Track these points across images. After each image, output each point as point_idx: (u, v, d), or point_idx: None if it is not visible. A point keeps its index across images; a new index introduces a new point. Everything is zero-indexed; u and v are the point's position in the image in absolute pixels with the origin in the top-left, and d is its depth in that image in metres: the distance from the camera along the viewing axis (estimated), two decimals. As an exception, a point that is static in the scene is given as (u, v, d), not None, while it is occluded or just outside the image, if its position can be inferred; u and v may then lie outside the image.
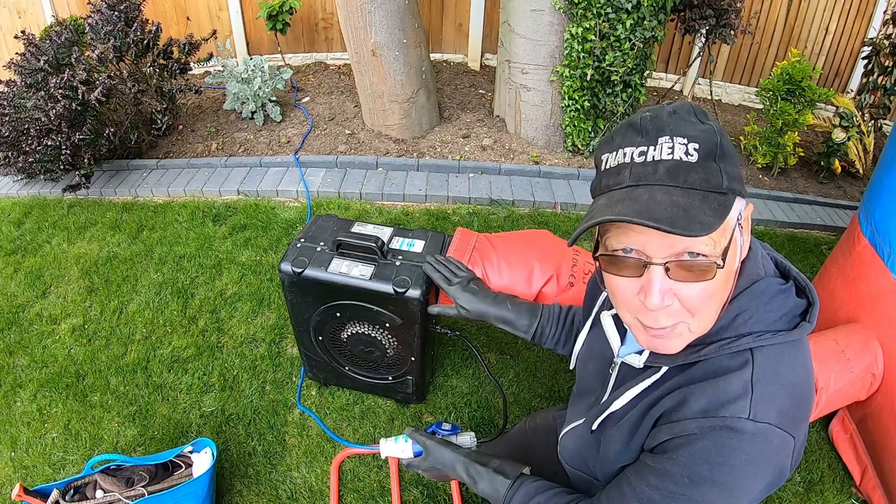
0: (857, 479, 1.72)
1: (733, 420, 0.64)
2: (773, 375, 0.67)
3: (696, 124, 0.64)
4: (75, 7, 3.90)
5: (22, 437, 1.77)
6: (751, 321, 0.69)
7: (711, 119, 0.66)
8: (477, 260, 1.45)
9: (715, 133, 0.64)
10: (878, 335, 1.64)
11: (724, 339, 0.69)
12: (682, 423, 0.68)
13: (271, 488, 1.62)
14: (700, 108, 0.67)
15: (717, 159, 0.63)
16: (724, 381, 0.67)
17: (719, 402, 0.66)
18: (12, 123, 2.71)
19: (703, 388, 0.68)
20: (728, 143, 0.65)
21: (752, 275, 0.71)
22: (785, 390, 0.67)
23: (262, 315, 2.16)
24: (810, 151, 3.60)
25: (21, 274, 2.42)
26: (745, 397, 0.65)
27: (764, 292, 0.70)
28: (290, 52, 4.10)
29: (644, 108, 0.69)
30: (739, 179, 0.66)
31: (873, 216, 1.70)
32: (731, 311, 0.70)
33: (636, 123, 0.66)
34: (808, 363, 0.72)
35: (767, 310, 0.70)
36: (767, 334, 0.68)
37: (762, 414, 0.64)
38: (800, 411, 0.68)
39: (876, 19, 4.04)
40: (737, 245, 0.66)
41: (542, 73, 2.97)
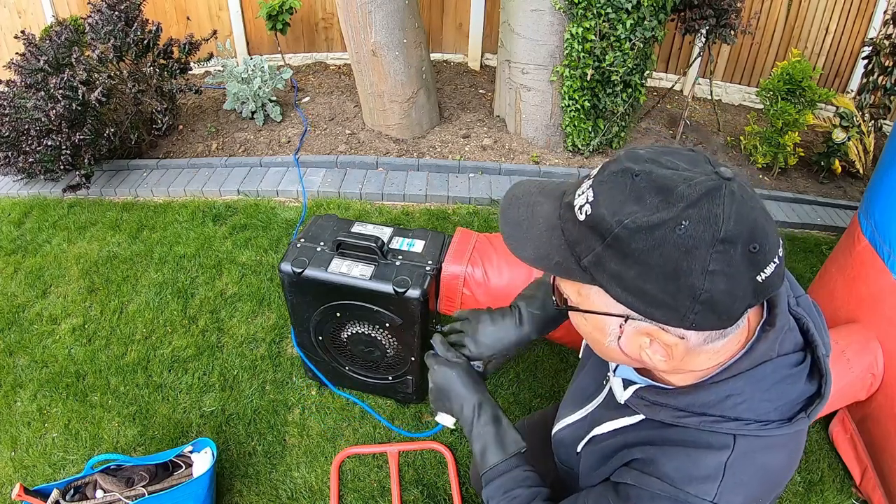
0: (857, 479, 1.72)
1: (695, 499, 0.62)
2: (751, 463, 0.63)
3: (643, 206, 0.53)
4: (75, 7, 3.90)
5: (22, 437, 1.77)
6: (741, 407, 0.63)
7: (674, 214, 0.52)
8: (477, 260, 1.45)
9: (622, 227, 0.53)
10: (878, 335, 1.64)
11: (709, 416, 0.63)
12: (648, 478, 0.65)
13: (271, 488, 1.62)
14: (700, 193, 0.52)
15: (597, 243, 0.56)
16: (699, 455, 0.63)
17: (688, 475, 0.63)
18: (12, 123, 2.71)
19: (677, 454, 0.65)
20: (650, 251, 0.53)
21: (762, 355, 0.63)
22: (759, 477, 0.64)
23: (262, 315, 2.16)
24: (810, 151, 3.60)
25: (21, 274, 2.42)
26: (714, 480, 0.62)
27: (766, 377, 0.63)
28: (290, 52, 4.10)
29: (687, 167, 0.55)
30: (627, 287, 0.55)
31: (873, 216, 1.70)
32: (725, 389, 0.63)
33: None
34: (795, 451, 0.67)
35: (764, 398, 0.63)
36: (755, 424, 0.62)
37: (727, 499, 0.62)
38: (769, 495, 0.66)
39: (876, 19, 4.03)
40: (604, 334, 0.63)
41: (542, 73, 2.97)
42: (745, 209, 0.52)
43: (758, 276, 0.54)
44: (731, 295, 0.54)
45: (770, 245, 0.54)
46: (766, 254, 0.54)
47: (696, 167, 0.55)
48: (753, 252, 0.52)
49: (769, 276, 0.55)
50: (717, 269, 0.52)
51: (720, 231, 0.51)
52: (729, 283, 0.53)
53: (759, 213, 0.54)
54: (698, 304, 0.53)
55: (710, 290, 0.53)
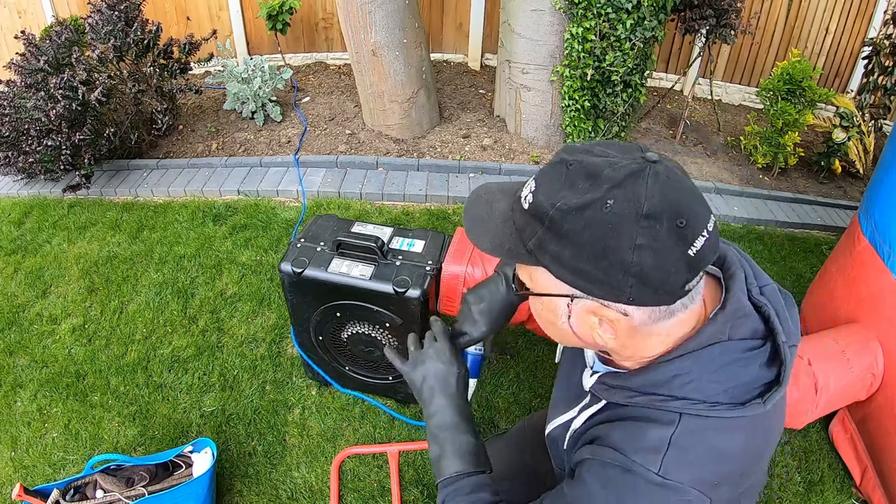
0: (857, 479, 1.72)
1: (641, 468, 0.62)
2: (700, 442, 0.63)
3: (574, 191, 0.58)
4: (75, 7, 3.90)
5: (22, 437, 1.77)
6: (688, 386, 0.64)
7: (609, 200, 0.56)
8: (477, 259, 1.45)
9: (555, 210, 0.58)
10: (878, 335, 1.64)
11: (657, 395, 0.65)
12: (601, 448, 0.67)
13: (271, 488, 1.62)
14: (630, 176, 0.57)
15: (538, 227, 0.61)
16: (645, 427, 0.65)
17: (635, 445, 0.64)
18: (12, 123, 2.71)
19: (626, 426, 0.67)
20: (582, 230, 0.57)
21: (711, 336, 0.64)
22: (710, 459, 0.64)
23: (262, 315, 2.16)
24: (810, 151, 3.60)
25: (21, 274, 2.42)
26: (658, 452, 0.62)
27: (715, 359, 0.64)
28: (290, 52, 4.10)
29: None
30: (566, 266, 0.60)
31: (873, 216, 1.70)
32: (672, 369, 0.65)
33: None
34: (755, 437, 0.66)
35: (712, 379, 0.64)
36: (703, 405, 0.63)
37: (673, 473, 0.62)
38: (725, 478, 0.64)
39: (876, 19, 4.03)
40: (555, 315, 0.67)
41: (542, 73, 2.97)
42: (669, 188, 0.56)
43: (689, 251, 0.57)
44: (663, 269, 0.57)
45: (698, 220, 0.57)
46: (694, 228, 0.56)
47: (626, 154, 0.59)
48: (681, 227, 0.56)
49: (700, 250, 0.57)
50: (644, 244, 0.55)
51: (643, 208, 0.55)
52: (658, 257, 0.56)
53: (685, 191, 0.57)
54: (631, 277, 0.57)
55: (639, 263, 0.56)
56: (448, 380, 0.88)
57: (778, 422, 0.71)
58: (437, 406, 0.87)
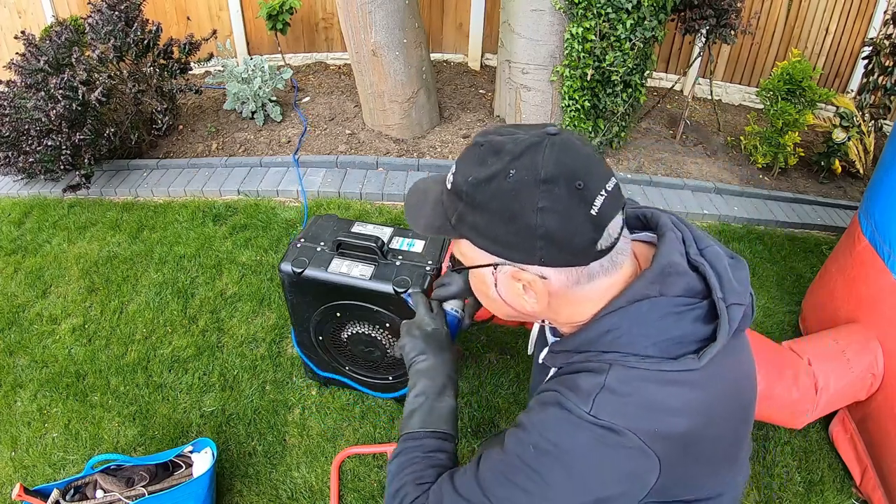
0: (857, 479, 1.72)
1: (574, 406, 0.65)
2: (633, 391, 0.64)
3: (484, 166, 0.64)
4: (75, 7, 3.90)
5: (22, 437, 1.77)
6: (618, 341, 0.66)
7: (512, 170, 0.62)
8: (477, 260, 1.45)
9: (467, 185, 0.65)
10: (878, 335, 1.64)
11: (590, 352, 0.69)
12: (542, 393, 0.71)
13: (271, 488, 1.62)
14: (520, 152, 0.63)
15: (458, 203, 0.68)
16: (580, 377, 0.68)
17: (569, 390, 0.67)
18: (12, 123, 2.71)
19: (562, 378, 0.71)
20: (490, 199, 0.64)
21: (635, 294, 0.67)
22: (644, 409, 0.64)
23: (262, 315, 2.16)
24: (810, 151, 3.60)
25: (21, 274, 2.42)
26: (590, 394, 0.65)
27: (644, 315, 0.66)
28: (291, 52, 4.10)
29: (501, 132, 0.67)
30: (484, 235, 0.66)
31: (873, 216, 1.70)
32: (603, 326, 0.67)
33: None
34: (695, 394, 0.65)
35: (641, 332, 0.66)
36: (633, 358, 0.65)
37: (605, 415, 0.64)
38: (662, 435, 0.64)
39: (876, 19, 4.03)
40: (486, 284, 0.72)
41: (542, 73, 2.97)
42: (565, 155, 0.62)
43: (590, 210, 0.61)
44: (567, 229, 0.62)
45: (595, 181, 0.62)
46: (592, 189, 0.61)
47: (529, 130, 0.65)
48: (579, 189, 0.61)
49: (602, 208, 0.62)
50: (546, 206, 0.61)
51: (541, 174, 0.61)
52: (561, 218, 0.61)
53: (582, 157, 0.63)
54: (539, 239, 0.62)
55: (544, 225, 0.61)
56: (439, 341, 0.95)
57: (729, 387, 0.70)
58: (426, 364, 0.92)
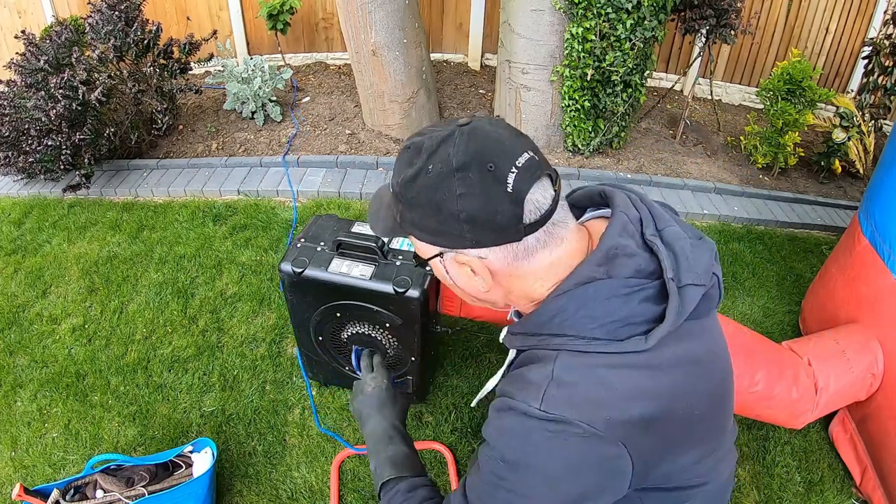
0: (857, 479, 1.72)
1: (523, 405, 0.66)
2: (581, 377, 0.65)
3: (410, 166, 0.68)
4: (75, 7, 3.90)
5: (22, 437, 1.77)
6: (566, 323, 0.68)
7: (431, 173, 0.66)
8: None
9: (399, 186, 0.70)
10: (878, 335, 1.64)
11: (542, 335, 0.71)
12: (493, 402, 0.73)
13: (271, 488, 1.62)
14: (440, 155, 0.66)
15: (398, 204, 0.72)
16: (527, 370, 0.70)
17: (518, 387, 0.69)
18: (12, 123, 2.71)
19: (515, 374, 0.73)
20: (418, 195, 0.68)
21: (580, 277, 0.68)
22: (595, 394, 0.64)
23: (262, 315, 2.16)
24: (810, 151, 3.60)
25: (21, 274, 2.42)
26: (539, 389, 0.66)
27: (590, 297, 0.67)
28: (291, 52, 4.10)
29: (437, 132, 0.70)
30: (421, 228, 0.70)
31: (873, 216, 1.70)
32: (551, 309, 0.69)
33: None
34: (648, 377, 0.66)
35: (586, 315, 0.67)
36: (580, 340, 0.66)
37: (555, 407, 0.64)
38: (627, 416, 0.64)
39: (876, 19, 4.03)
40: (442, 274, 0.76)
41: (542, 73, 2.97)
42: (472, 141, 0.65)
43: (506, 188, 0.64)
44: (487, 209, 0.64)
45: (504, 160, 0.64)
46: (503, 168, 0.64)
47: (446, 126, 0.68)
48: (490, 170, 0.63)
49: (515, 184, 0.64)
50: (464, 192, 0.64)
51: (453, 163, 0.64)
52: (479, 200, 0.64)
53: (489, 140, 0.65)
54: (463, 223, 0.66)
55: (466, 209, 0.65)
56: (379, 398, 1.08)
57: (692, 367, 0.70)
58: (371, 425, 1.04)
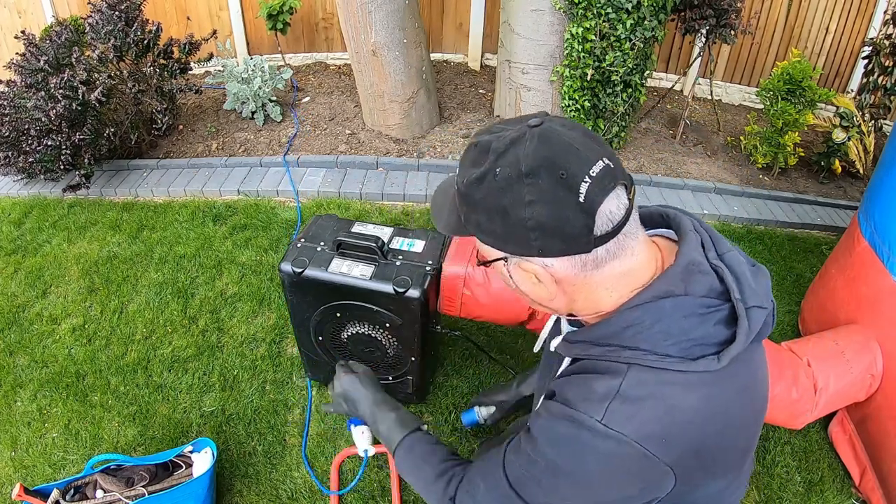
0: (856, 479, 1.72)
1: (585, 417, 0.65)
2: (648, 395, 0.64)
3: (476, 166, 0.66)
4: (75, 7, 3.90)
5: (22, 437, 1.77)
6: (639, 337, 0.65)
7: (496, 176, 0.63)
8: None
9: (464, 186, 0.67)
10: (877, 336, 1.64)
11: (610, 346, 0.68)
12: (550, 402, 0.71)
13: (271, 488, 1.62)
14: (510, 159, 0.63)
15: (463, 204, 0.69)
16: (594, 380, 0.67)
17: (581, 397, 0.67)
18: (12, 123, 2.71)
19: (576, 381, 0.70)
20: (484, 198, 0.65)
21: (659, 291, 0.66)
22: (660, 413, 0.63)
23: (262, 315, 2.16)
24: (810, 151, 3.60)
25: (21, 274, 2.42)
26: (602, 402, 0.64)
27: (667, 312, 0.65)
28: (291, 52, 4.10)
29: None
30: (486, 231, 0.68)
31: (873, 217, 1.70)
32: (624, 320, 0.67)
33: None
34: (716, 399, 0.66)
35: (662, 331, 0.65)
36: (653, 356, 0.64)
37: (616, 423, 0.63)
38: (681, 440, 0.64)
39: (876, 19, 4.03)
40: (505, 278, 0.73)
41: (542, 73, 2.97)
42: (544, 146, 0.62)
43: (578, 198, 0.61)
44: (558, 218, 0.62)
45: (577, 168, 0.61)
46: (576, 176, 0.61)
47: (515, 125, 0.65)
48: (563, 178, 0.60)
49: (588, 195, 0.61)
50: (534, 199, 0.61)
51: (522, 168, 0.61)
52: (550, 208, 0.61)
53: (562, 145, 0.62)
54: (531, 231, 0.63)
55: (534, 217, 0.62)
56: (351, 390, 1.13)
57: (742, 394, 0.70)
58: (365, 398, 1.10)
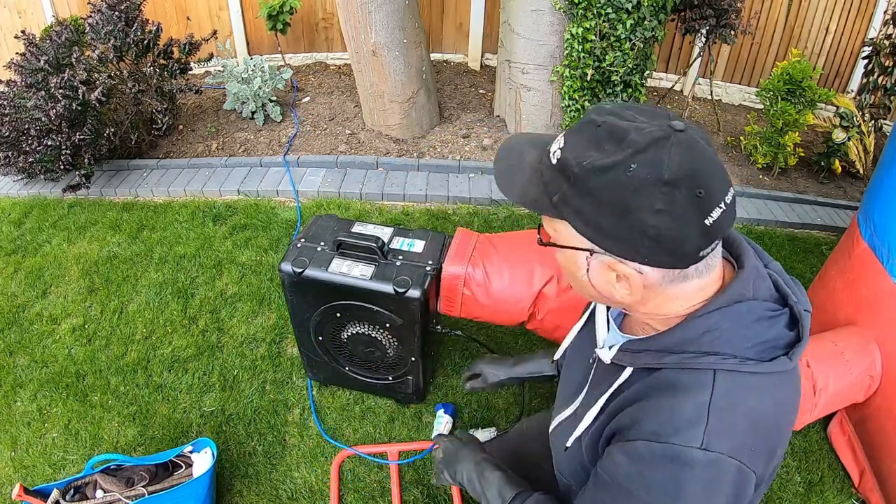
0: (855, 480, 1.72)
1: (684, 450, 0.62)
2: (734, 404, 0.63)
3: (600, 151, 0.60)
4: (75, 7, 3.90)
5: (22, 437, 1.77)
6: (718, 341, 0.65)
7: (633, 163, 0.58)
8: (478, 260, 1.45)
9: (580, 168, 0.61)
10: (876, 337, 1.64)
11: (688, 352, 0.66)
12: (635, 444, 0.66)
13: (271, 488, 1.62)
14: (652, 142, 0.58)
15: (566, 183, 0.63)
16: (681, 401, 0.64)
17: (672, 426, 0.63)
18: (13, 123, 2.71)
19: (658, 406, 0.66)
20: (605, 189, 0.60)
21: (734, 295, 0.66)
22: (747, 421, 0.64)
23: (262, 315, 2.17)
24: (810, 151, 3.60)
25: (21, 274, 2.42)
26: (699, 424, 0.62)
27: (743, 315, 0.66)
28: (291, 52, 4.10)
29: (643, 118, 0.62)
30: (587, 222, 0.63)
31: (872, 219, 1.70)
32: (701, 325, 0.66)
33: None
34: (785, 398, 0.67)
35: (741, 334, 0.65)
36: (733, 359, 0.64)
37: (715, 444, 0.62)
38: (763, 445, 0.65)
39: (876, 19, 4.03)
40: (577, 266, 0.69)
41: (542, 73, 2.97)
42: (691, 157, 0.58)
43: (706, 220, 0.59)
44: (680, 234, 0.59)
45: (716, 191, 0.58)
46: (712, 199, 0.58)
47: (654, 120, 0.61)
48: (699, 196, 0.57)
49: (717, 220, 0.59)
50: (663, 209, 0.57)
51: (664, 174, 0.57)
52: (676, 223, 0.58)
53: (707, 162, 0.59)
54: (648, 239, 0.59)
55: (657, 226, 0.58)
56: (454, 451, 1.09)
57: (797, 393, 0.72)
58: (461, 476, 1.05)
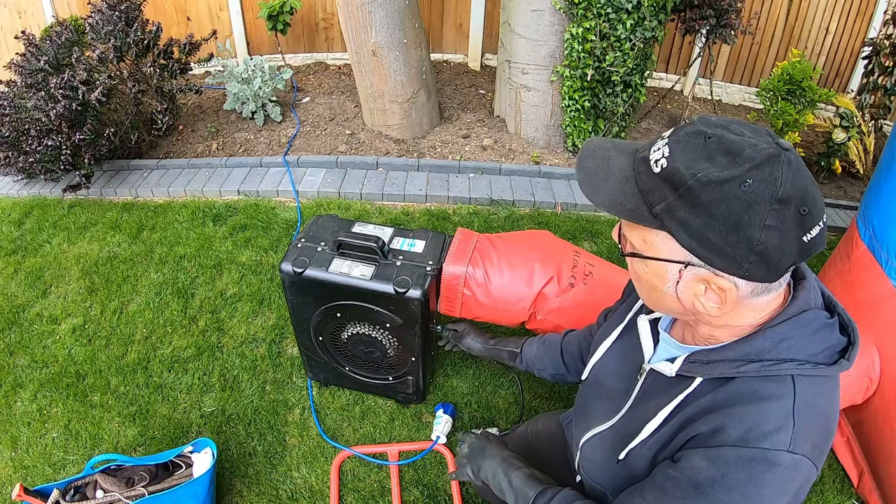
0: (854, 482, 1.72)
1: (773, 453, 0.65)
2: (812, 407, 0.67)
3: (714, 164, 0.60)
4: (76, 7, 3.90)
5: (22, 437, 1.77)
6: (794, 348, 0.68)
7: (748, 179, 0.59)
8: (478, 260, 1.45)
9: (695, 181, 0.60)
10: (875, 340, 1.64)
11: (767, 360, 0.69)
12: (720, 449, 0.67)
13: (271, 488, 1.62)
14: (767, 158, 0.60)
15: (673, 193, 0.63)
16: (766, 408, 0.66)
17: (760, 431, 0.65)
18: (13, 123, 2.71)
19: (743, 413, 0.67)
20: (717, 203, 0.60)
21: (803, 304, 0.70)
22: (820, 423, 0.68)
23: (263, 315, 2.17)
24: (811, 151, 3.60)
25: (21, 274, 2.42)
26: (786, 429, 0.65)
27: (811, 323, 0.69)
28: (291, 53, 4.10)
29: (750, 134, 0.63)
30: (692, 234, 0.63)
31: (871, 221, 1.70)
32: (777, 334, 0.69)
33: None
34: (837, 398, 0.72)
35: (812, 341, 0.69)
36: (808, 365, 0.68)
37: (800, 446, 0.65)
38: (826, 444, 0.69)
39: (876, 19, 4.04)
40: (663, 278, 0.69)
41: (542, 73, 2.97)
42: (798, 176, 0.60)
43: (804, 237, 0.61)
44: (781, 250, 0.61)
45: (817, 210, 0.61)
46: (814, 217, 0.61)
47: (760, 137, 0.62)
48: (803, 214, 0.60)
49: (814, 238, 0.62)
50: (772, 225, 0.60)
51: (778, 192, 0.59)
52: (781, 239, 0.61)
53: (809, 181, 0.61)
54: (753, 254, 0.61)
55: (764, 242, 0.60)
56: (479, 449, 1.10)
57: (838, 389, 0.75)
58: (484, 472, 1.06)
